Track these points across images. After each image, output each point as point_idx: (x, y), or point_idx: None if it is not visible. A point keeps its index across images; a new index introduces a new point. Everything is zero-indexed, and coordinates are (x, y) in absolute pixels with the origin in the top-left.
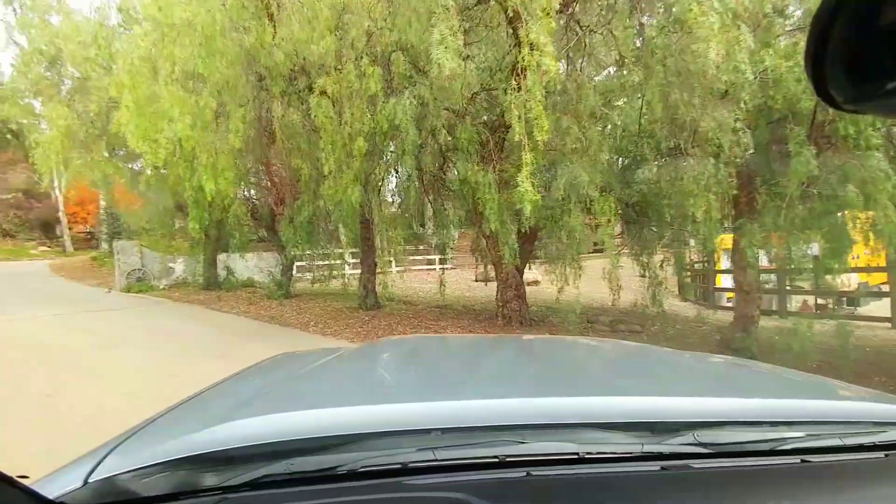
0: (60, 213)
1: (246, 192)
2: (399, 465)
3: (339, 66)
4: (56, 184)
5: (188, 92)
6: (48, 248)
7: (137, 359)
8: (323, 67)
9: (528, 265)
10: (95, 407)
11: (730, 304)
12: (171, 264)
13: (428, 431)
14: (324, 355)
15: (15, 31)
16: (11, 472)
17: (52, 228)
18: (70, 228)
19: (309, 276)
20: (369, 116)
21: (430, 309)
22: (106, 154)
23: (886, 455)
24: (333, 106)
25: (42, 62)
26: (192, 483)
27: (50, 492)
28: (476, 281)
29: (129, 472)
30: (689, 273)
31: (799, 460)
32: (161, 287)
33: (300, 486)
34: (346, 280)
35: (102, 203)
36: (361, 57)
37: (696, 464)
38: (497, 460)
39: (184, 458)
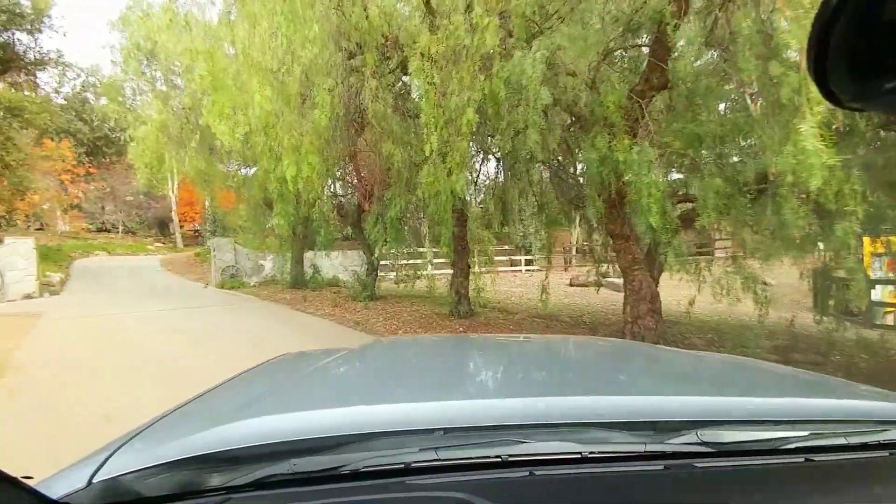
0: (173, 213)
1: (332, 188)
2: (402, 465)
3: (446, 21)
4: (170, 185)
5: (271, 67)
6: (162, 245)
7: (221, 364)
8: (423, 26)
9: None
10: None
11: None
12: (261, 262)
13: (431, 431)
14: (327, 355)
15: (115, 28)
16: (16, 473)
17: (166, 226)
18: (181, 227)
19: (392, 275)
20: (482, 79)
21: (531, 319)
22: (195, 147)
23: (891, 454)
24: (438, 70)
25: (140, 56)
26: (196, 483)
27: (54, 492)
28: (571, 286)
29: (133, 472)
30: (829, 281)
31: (803, 459)
32: (251, 284)
33: (304, 487)
34: (432, 281)
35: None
36: (472, 6)
37: (700, 463)
38: (500, 460)
39: (188, 459)
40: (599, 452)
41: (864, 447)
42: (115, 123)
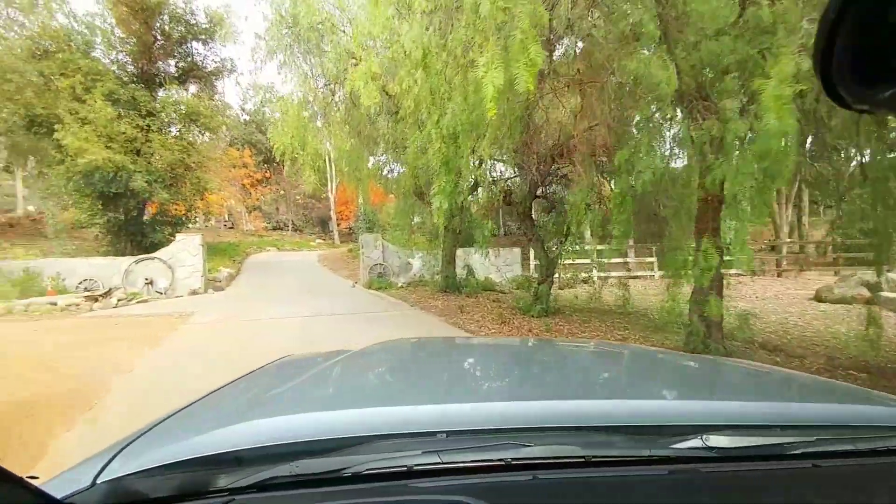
0: (331, 212)
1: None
2: (405, 468)
3: None
4: (330, 186)
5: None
6: (322, 241)
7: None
8: None
9: None
10: None
11: None
12: (409, 260)
13: (433, 434)
14: (329, 358)
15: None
16: (21, 473)
17: (326, 224)
18: (338, 224)
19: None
20: None
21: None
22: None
23: None
24: None
25: (284, 33)
26: (199, 484)
27: (59, 492)
28: (819, 301)
29: (137, 473)
30: None
31: (810, 465)
32: (399, 285)
33: (306, 489)
34: (624, 289)
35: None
36: None
37: (704, 468)
38: (503, 463)
39: (191, 460)
40: (603, 456)
41: (872, 453)
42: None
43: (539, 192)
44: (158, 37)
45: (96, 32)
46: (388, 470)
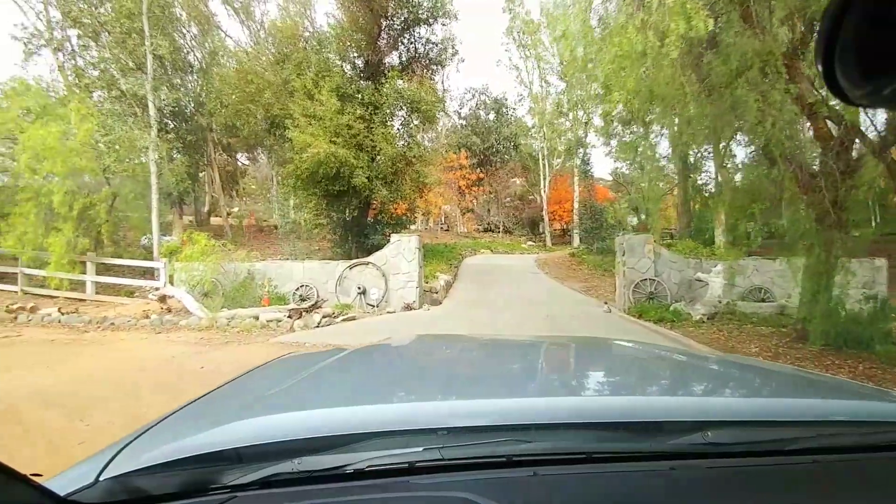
0: (543, 212)
1: None
2: (406, 465)
3: None
4: (542, 185)
5: None
6: (533, 243)
7: None
8: None
9: None
10: None
11: None
12: (699, 275)
13: (435, 431)
14: (331, 355)
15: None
16: (25, 471)
17: (536, 226)
18: (550, 225)
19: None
20: None
21: None
22: None
23: None
24: None
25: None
26: (202, 481)
27: (62, 489)
28: None
29: (139, 470)
30: None
31: (811, 460)
32: (696, 317)
33: (308, 485)
34: None
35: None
36: None
37: (706, 464)
38: (504, 460)
39: (194, 457)
40: (604, 452)
41: (872, 448)
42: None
43: None
44: (383, 25)
45: (328, 30)
46: (389, 466)
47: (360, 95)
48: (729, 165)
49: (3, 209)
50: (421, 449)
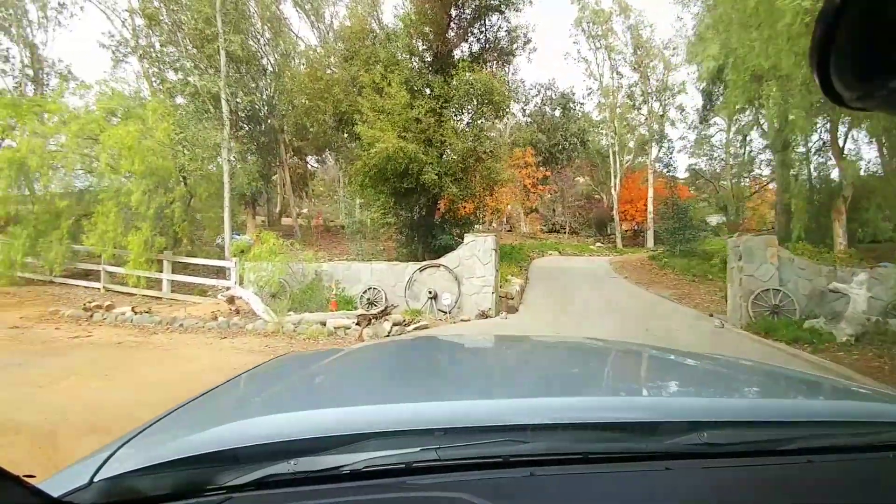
0: (614, 212)
1: None
2: (403, 465)
3: None
4: (612, 182)
5: None
6: (602, 245)
7: None
8: None
9: None
10: None
11: None
12: (837, 285)
13: (431, 431)
14: (328, 355)
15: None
16: (18, 473)
17: (604, 226)
18: (620, 226)
19: None
20: None
21: None
22: None
23: (891, 454)
24: None
25: None
26: (197, 482)
27: (56, 491)
28: None
29: (134, 471)
30: None
31: (805, 460)
32: (841, 338)
33: (305, 486)
34: None
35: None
36: None
37: (702, 464)
38: (501, 460)
39: (189, 458)
40: (601, 452)
41: (866, 448)
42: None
43: None
44: (453, 15)
45: (397, 22)
46: (386, 467)
47: (429, 89)
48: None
49: (89, 208)
50: (418, 449)
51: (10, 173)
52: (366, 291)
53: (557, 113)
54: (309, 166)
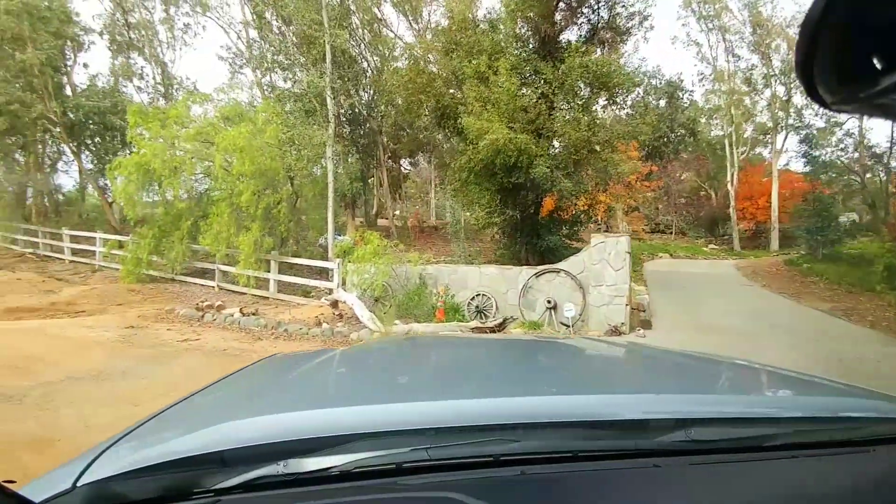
0: (730, 209)
1: None
2: (393, 466)
3: None
4: (728, 177)
5: None
6: (716, 246)
7: None
8: None
9: None
10: None
11: None
12: None
13: (422, 431)
14: (316, 356)
15: None
16: None
17: (716, 225)
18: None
19: None
20: None
21: None
22: None
23: (874, 450)
24: None
25: None
26: (184, 486)
27: (38, 496)
28: None
29: (119, 475)
30: None
31: (790, 455)
32: None
33: (294, 488)
34: None
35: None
36: None
37: (689, 460)
38: (491, 459)
39: (175, 461)
40: (590, 451)
41: (848, 444)
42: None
43: None
44: None
45: (500, 10)
46: (376, 467)
47: (537, 76)
48: None
49: (206, 210)
50: (408, 449)
51: (138, 177)
52: (474, 298)
53: (663, 103)
54: (402, 169)
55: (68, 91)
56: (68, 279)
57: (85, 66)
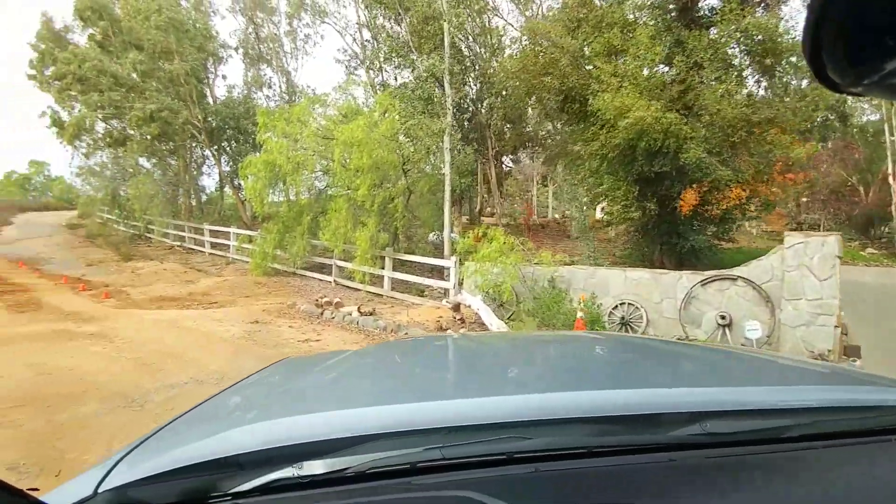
0: (893, 207)
1: None
2: (407, 465)
3: None
4: (890, 167)
5: None
6: (875, 250)
7: None
8: None
9: None
10: None
11: None
12: None
13: (435, 430)
14: (328, 358)
15: None
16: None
17: (870, 225)
18: None
19: None
20: None
21: None
22: None
23: (893, 439)
24: None
25: None
26: (202, 490)
27: (60, 502)
28: None
29: (139, 480)
30: None
31: (808, 447)
32: None
33: (310, 490)
34: None
35: None
36: None
37: (704, 454)
38: (505, 457)
39: (193, 465)
40: (604, 446)
41: (866, 433)
42: None
43: None
44: None
45: None
46: (391, 468)
47: (682, 45)
48: None
49: (325, 206)
50: (422, 449)
51: (266, 175)
52: (617, 307)
53: (804, 83)
54: (504, 166)
55: (209, 100)
56: (206, 270)
57: (224, 77)
